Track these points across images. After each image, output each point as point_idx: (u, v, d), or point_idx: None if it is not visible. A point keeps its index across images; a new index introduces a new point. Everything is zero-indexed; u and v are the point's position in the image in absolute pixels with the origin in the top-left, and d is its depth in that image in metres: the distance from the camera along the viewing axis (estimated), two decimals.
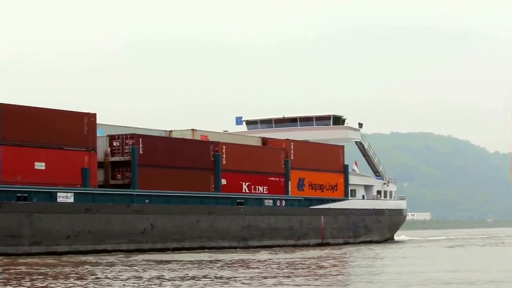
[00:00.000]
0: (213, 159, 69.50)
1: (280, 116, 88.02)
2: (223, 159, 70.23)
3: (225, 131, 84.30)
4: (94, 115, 61.98)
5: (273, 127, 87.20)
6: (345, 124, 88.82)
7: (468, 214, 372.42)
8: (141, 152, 64.03)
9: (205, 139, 71.55)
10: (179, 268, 42.62)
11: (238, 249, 68.68)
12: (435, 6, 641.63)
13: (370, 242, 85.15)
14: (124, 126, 68.11)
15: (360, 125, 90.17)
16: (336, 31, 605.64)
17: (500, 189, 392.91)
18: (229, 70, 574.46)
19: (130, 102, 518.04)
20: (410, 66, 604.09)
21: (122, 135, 64.51)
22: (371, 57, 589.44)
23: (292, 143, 77.35)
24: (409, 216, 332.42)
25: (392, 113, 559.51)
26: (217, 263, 47.53)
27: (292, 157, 76.86)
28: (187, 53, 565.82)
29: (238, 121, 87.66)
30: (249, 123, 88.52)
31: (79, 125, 60.95)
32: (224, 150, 70.47)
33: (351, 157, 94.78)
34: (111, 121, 67.39)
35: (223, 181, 70.17)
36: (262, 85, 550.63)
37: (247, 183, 72.55)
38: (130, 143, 63.89)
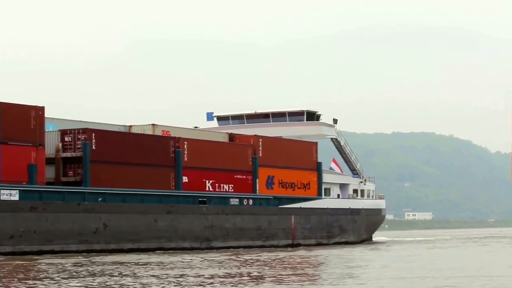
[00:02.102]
0: (173, 155, 66.14)
1: (252, 111, 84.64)
2: (185, 156, 66.86)
3: (196, 127, 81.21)
4: (42, 109, 58.65)
5: (245, 123, 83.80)
6: (320, 120, 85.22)
7: (470, 214, 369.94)
8: (93, 147, 60.71)
9: (166, 135, 68.24)
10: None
11: (200, 250, 65.34)
12: (437, 6, 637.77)
13: (346, 243, 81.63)
14: (79, 121, 64.81)
15: (335, 121, 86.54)
16: (337, 31, 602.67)
17: (501, 189, 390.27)
18: (229, 70, 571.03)
19: (130, 103, 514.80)
20: (411, 66, 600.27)
21: (74, 129, 61.18)
22: (372, 57, 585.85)
23: (260, 139, 73.89)
24: (410, 216, 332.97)
25: (393, 113, 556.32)
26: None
27: (260, 154, 73.43)
28: (188, 53, 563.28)
29: (209, 116, 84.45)
30: (220, 118, 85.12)
31: (26, 119, 57.64)
32: (185, 146, 67.10)
33: (330, 155, 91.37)
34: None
35: (185, 179, 66.80)
36: (264, 86, 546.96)
37: (211, 181, 69.14)
38: (82, 138, 60.56)
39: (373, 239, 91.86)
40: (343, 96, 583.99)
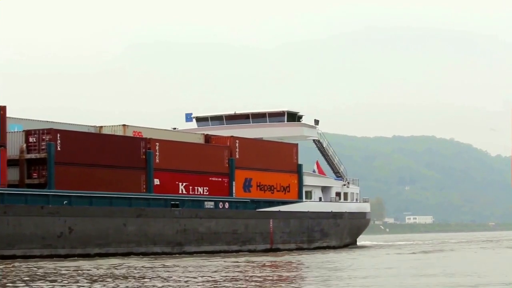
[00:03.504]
0: (144, 157, 63.86)
1: (231, 112, 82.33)
2: (156, 157, 64.57)
3: (174, 128, 79.09)
4: (3, 108, 56.52)
5: (224, 124, 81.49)
6: (302, 121, 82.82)
7: (470, 217, 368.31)
8: (58, 148, 58.48)
9: (138, 136, 65.99)
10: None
11: (171, 255, 63.09)
12: (437, 9, 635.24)
13: (327, 247, 79.23)
14: (45, 121, 62.54)
15: (316, 122, 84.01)
16: (337, 33, 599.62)
17: (502, 192, 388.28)
18: (229, 73, 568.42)
19: (128, 105, 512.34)
20: (412, 69, 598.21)
21: (39, 130, 58.91)
22: (372, 60, 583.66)
23: (237, 141, 71.53)
24: (410, 220, 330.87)
25: (394, 116, 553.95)
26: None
27: (237, 156, 71.10)
28: (189, 55, 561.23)
29: (188, 117, 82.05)
30: (199, 119, 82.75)
31: None
32: (157, 147, 64.82)
33: (314, 157, 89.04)
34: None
35: (156, 181, 64.52)
36: (262, 88, 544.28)
37: (184, 184, 66.83)
38: (47, 139, 58.32)
39: (358, 243, 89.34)
40: (343, 99, 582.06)
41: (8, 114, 57.55)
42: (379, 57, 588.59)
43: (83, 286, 32.91)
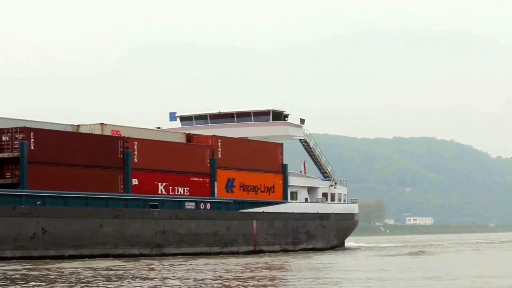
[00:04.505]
0: (122, 156, 62.31)
1: (215, 111, 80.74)
2: (135, 157, 63.01)
3: (158, 127, 77.58)
4: None
5: (208, 123, 79.94)
6: (287, 120, 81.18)
7: (471, 219, 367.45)
8: (32, 147, 56.98)
9: (116, 135, 64.46)
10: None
11: (151, 257, 61.55)
12: (436, 10, 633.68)
13: (313, 249, 77.58)
14: (20, 119, 61.03)
15: (302, 121, 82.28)
16: (337, 35, 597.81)
17: (502, 194, 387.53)
18: (230, 75, 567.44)
19: (130, 107, 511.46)
20: (412, 70, 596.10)
21: (12, 128, 57.45)
22: (372, 62, 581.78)
23: (219, 140, 69.92)
24: (411, 221, 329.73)
25: (394, 117, 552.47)
26: None
27: (219, 155, 69.50)
28: (189, 57, 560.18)
29: (172, 117, 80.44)
30: (183, 119, 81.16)
31: None
32: (136, 147, 63.26)
33: (302, 157, 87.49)
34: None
35: (134, 181, 62.97)
36: (262, 90, 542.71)
37: (164, 184, 65.26)
38: (20, 138, 56.83)
39: (346, 244, 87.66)
40: (343, 100, 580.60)
41: None
42: (379, 58, 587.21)
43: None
